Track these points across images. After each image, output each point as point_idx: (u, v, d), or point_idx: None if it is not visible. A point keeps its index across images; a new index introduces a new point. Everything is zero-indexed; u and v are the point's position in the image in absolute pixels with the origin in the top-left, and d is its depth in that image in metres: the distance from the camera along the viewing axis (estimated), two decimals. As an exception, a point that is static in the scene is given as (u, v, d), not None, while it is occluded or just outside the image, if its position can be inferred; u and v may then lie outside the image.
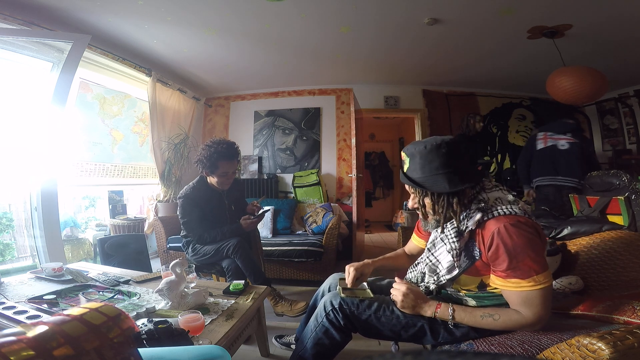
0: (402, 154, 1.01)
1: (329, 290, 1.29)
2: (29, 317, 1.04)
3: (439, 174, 0.92)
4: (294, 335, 1.52)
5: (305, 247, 2.60)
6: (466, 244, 0.94)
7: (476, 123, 3.76)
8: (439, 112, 4.30)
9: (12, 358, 0.39)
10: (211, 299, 1.35)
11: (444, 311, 0.96)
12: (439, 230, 0.99)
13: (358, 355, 1.50)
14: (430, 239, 1.05)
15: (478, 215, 0.91)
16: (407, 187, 1.02)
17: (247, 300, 1.36)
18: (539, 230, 0.90)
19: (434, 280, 1.01)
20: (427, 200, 0.98)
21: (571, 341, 0.67)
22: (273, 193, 4.01)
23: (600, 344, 0.60)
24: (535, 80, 3.71)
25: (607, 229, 1.43)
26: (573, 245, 1.52)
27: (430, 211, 0.99)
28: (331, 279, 1.33)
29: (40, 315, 1.06)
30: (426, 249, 1.06)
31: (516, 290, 0.86)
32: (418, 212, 1.03)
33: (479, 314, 0.92)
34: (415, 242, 1.30)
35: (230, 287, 1.45)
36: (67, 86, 2.29)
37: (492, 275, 0.92)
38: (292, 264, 2.63)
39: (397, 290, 1.01)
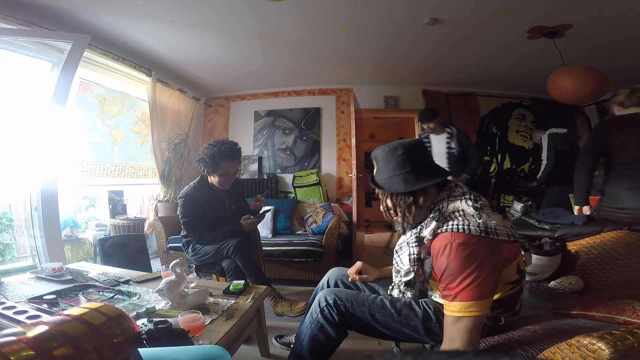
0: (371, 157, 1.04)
1: (328, 285, 1.30)
2: (29, 317, 1.04)
3: (396, 175, 0.94)
4: (294, 335, 1.52)
5: (305, 247, 2.60)
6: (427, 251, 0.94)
7: None
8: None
9: (12, 358, 0.39)
10: (211, 299, 1.35)
11: None
12: (407, 234, 1.00)
13: (358, 355, 1.50)
14: (399, 241, 1.06)
15: (433, 225, 0.89)
16: (376, 190, 1.04)
17: (247, 300, 1.36)
18: (493, 251, 0.82)
19: (397, 280, 1.03)
20: (389, 202, 0.99)
21: (571, 341, 0.67)
22: (273, 193, 4.01)
23: (600, 344, 0.60)
24: (535, 80, 3.70)
25: (609, 230, 1.43)
26: (573, 245, 1.52)
27: (392, 213, 1.00)
28: (330, 273, 1.35)
29: (40, 315, 1.06)
30: (394, 250, 1.07)
31: (445, 311, 0.84)
32: (385, 214, 1.04)
33: None
34: None
35: (230, 287, 1.45)
36: (67, 86, 2.29)
37: None
38: (292, 264, 2.63)
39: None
